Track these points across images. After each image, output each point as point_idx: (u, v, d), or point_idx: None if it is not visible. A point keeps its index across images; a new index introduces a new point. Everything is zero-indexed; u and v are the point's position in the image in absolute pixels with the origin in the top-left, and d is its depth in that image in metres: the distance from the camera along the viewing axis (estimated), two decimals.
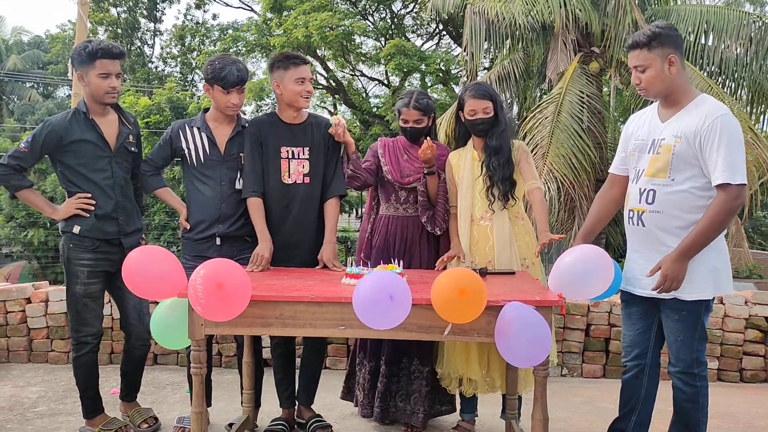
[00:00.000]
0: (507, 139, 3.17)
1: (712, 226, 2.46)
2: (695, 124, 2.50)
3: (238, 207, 3.18)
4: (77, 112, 3.12)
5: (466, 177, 3.20)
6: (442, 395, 3.32)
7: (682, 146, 2.52)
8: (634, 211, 2.66)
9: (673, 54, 2.54)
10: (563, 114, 8.22)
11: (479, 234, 3.15)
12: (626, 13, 8.51)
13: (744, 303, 4.53)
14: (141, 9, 25.35)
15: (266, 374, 3.42)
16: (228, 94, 3.11)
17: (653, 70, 2.55)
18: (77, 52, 3.08)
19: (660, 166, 2.58)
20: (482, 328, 2.35)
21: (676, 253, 2.49)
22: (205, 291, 2.25)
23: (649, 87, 2.59)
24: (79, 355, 3.17)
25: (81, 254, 3.10)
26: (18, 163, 3.06)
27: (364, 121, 17.78)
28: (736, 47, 8.75)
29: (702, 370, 2.61)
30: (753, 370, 4.50)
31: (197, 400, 2.58)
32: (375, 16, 18.96)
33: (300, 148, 3.18)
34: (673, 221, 2.55)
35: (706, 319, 2.63)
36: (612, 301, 4.55)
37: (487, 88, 3.21)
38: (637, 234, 2.68)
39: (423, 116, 3.25)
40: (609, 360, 4.53)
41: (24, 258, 21.50)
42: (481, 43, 9.25)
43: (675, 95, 2.60)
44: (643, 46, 2.55)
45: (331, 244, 3.17)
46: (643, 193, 2.62)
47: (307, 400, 3.36)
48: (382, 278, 2.24)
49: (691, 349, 2.58)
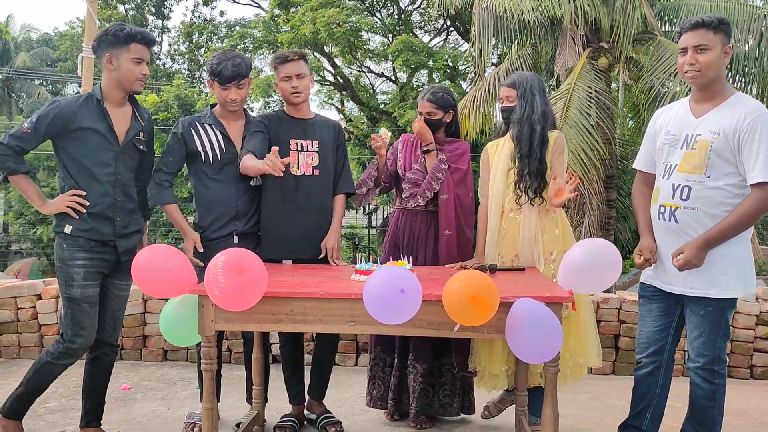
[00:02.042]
0: (525, 128, 3.04)
1: (741, 221, 2.46)
2: (735, 121, 2.48)
3: (253, 203, 3.18)
4: (90, 98, 2.85)
5: (500, 168, 3.16)
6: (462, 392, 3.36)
7: (720, 143, 2.49)
8: (666, 206, 2.62)
9: (729, 46, 2.53)
10: (572, 110, 8.19)
11: (508, 226, 3.13)
12: (635, 8, 8.46)
13: (755, 300, 4.50)
14: (149, 6, 25.45)
15: (274, 370, 3.44)
16: (226, 90, 3.09)
17: (713, 54, 2.51)
18: (111, 33, 2.81)
19: (696, 162, 2.54)
20: (492, 325, 2.34)
21: (701, 241, 2.49)
22: (225, 275, 2.23)
23: (705, 70, 2.52)
24: (54, 363, 2.86)
25: (76, 253, 2.81)
26: (19, 144, 2.78)
27: (371, 117, 17.77)
28: (746, 41, 8.68)
29: (722, 367, 2.59)
30: (764, 367, 4.47)
31: (208, 396, 2.59)
32: (382, 12, 18.95)
33: (309, 141, 3.20)
34: (706, 218, 2.53)
35: (730, 316, 2.61)
36: (621, 298, 4.54)
37: (517, 77, 3.17)
38: (669, 230, 2.64)
39: (436, 109, 3.26)
40: (618, 356, 4.51)
41: (34, 255, 21.67)
42: (489, 39, 9.22)
43: (716, 87, 2.57)
44: (712, 27, 2.51)
45: (335, 233, 3.21)
46: (677, 189, 2.59)
47: (319, 395, 3.36)
48: (392, 273, 2.25)
49: (714, 345, 2.56)
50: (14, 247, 24.68)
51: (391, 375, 3.32)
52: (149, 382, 4.15)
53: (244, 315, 2.42)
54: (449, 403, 3.31)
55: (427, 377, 3.25)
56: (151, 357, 4.64)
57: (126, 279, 2.95)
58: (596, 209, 8.60)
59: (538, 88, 3.12)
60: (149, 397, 3.85)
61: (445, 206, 3.23)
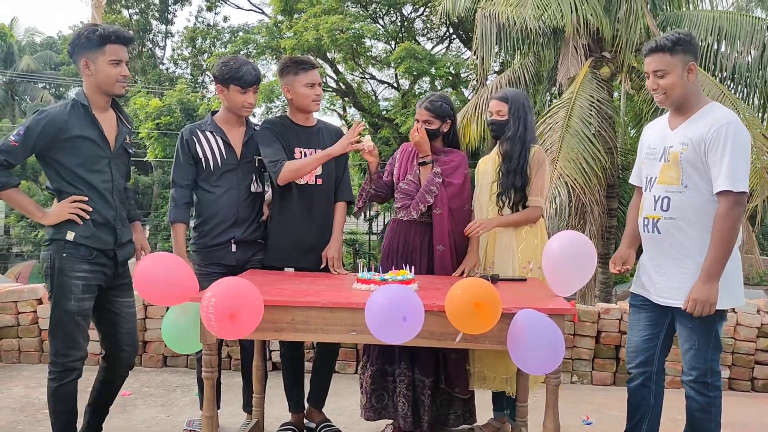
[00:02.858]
0: (517, 146, 3.13)
1: (723, 239, 2.47)
2: (702, 131, 2.51)
3: (252, 210, 3.19)
4: (76, 105, 2.70)
5: (484, 180, 3.23)
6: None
7: (689, 153, 2.53)
8: (648, 218, 2.67)
9: (692, 62, 2.54)
10: (574, 119, 8.19)
11: (488, 236, 3.21)
12: (638, 18, 8.47)
13: (756, 312, 4.49)
14: (153, 11, 25.53)
15: (275, 378, 3.43)
16: (245, 94, 3.10)
17: (674, 76, 2.54)
18: (84, 36, 2.66)
19: (672, 173, 2.59)
20: (494, 336, 2.34)
21: (704, 276, 2.49)
22: (218, 319, 2.22)
23: (669, 92, 2.56)
24: (63, 383, 2.70)
25: (77, 264, 2.66)
26: (6, 159, 2.59)
27: (373, 123, 17.79)
28: (749, 53, 8.70)
29: (716, 380, 2.59)
30: (765, 380, 4.46)
31: (208, 404, 2.59)
32: (385, 19, 18.98)
33: (312, 149, 3.20)
34: (688, 228, 2.56)
35: (721, 328, 2.61)
36: (623, 308, 4.53)
37: (508, 91, 3.25)
38: (653, 241, 2.68)
39: (434, 118, 3.22)
40: (619, 367, 4.50)
41: (34, 257, 21.67)
42: (491, 47, 9.22)
43: (688, 103, 2.60)
44: (666, 50, 2.53)
45: (336, 242, 3.22)
46: (657, 200, 2.63)
47: (318, 403, 3.35)
48: (394, 298, 2.21)
49: (705, 358, 2.56)
50: (15, 250, 24.71)
51: (395, 387, 3.19)
52: (149, 389, 4.14)
53: None
54: (450, 413, 3.26)
55: (432, 390, 3.19)
56: (151, 363, 4.63)
57: (130, 296, 2.91)
58: (597, 218, 8.58)
59: (529, 106, 3.23)
60: (149, 404, 3.84)
61: (438, 221, 3.17)
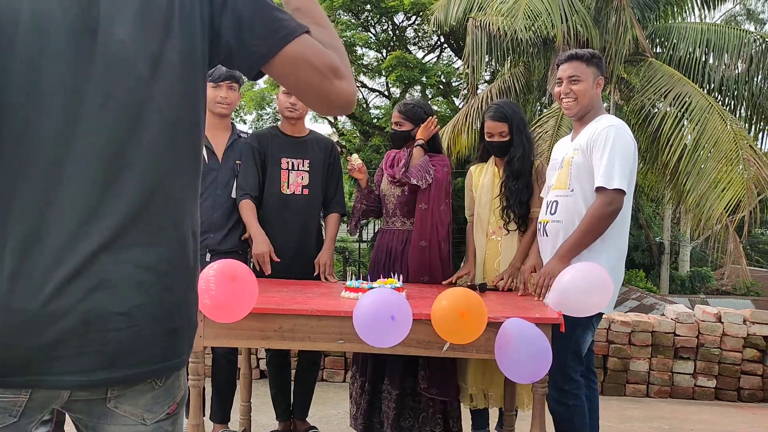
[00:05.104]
0: (527, 164, 3.12)
1: (587, 229, 2.57)
2: (589, 135, 2.66)
3: (229, 217, 3.15)
4: None
5: (484, 194, 3.21)
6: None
7: (579, 157, 2.68)
8: (541, 223, 2.82)
9: (601, 77, 2.74)
10: (563, 128, 8.24)
11: (490, 249, 3.19)
12: (627, 30, 8.54)
13: (742, 322, 4.52)
14: None
15: (261, 386, 3.41)
16: (217, 88, 3.10)
17: (585, 84, 2.71)
18: None
19: (563, 178, 2.73)
20: (481, 345, 2.33)
21: (556, 256, 2.60)
22: (218, 283, 2.20)
23: (580, 98, 2.71)
24: None
25: None
26: None
27: (364, 131, 17.82)
28: (736, 66, 8.79)
29: (574, 388, 2.59)
30: (751, 390, 4.49)
31: (194, 413, 2.56)
32: (377, 28, 19.02)
33: (300, 159, 3.20)
34: (571, 229, 2.65)
35: (584, 337, 2.63)
36: (610, 318, 4.54)
37: (505, 110, 3.12)
38: (543, 244, 2.81)
39: (404, 120, 3.21)
40: (607, 377, 4.51)
41: None
42: (482, 57, 9.27)
43: (589, 115, 2.76)
44: (584, 60, 2.72)
45: (328, 250, 3.23)
46: (549, 205, 2.77)
47: (302, 414, 3.33)
48: (382, 298, 2.21)
49: (563, 363, 2.55)
50: None
51: (362, 397, 3.10)
52: None
53: (232, 331, 2.40)
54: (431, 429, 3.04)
55: (400, 402, 3.01)
56: None
57: None
58: None
59: (525, 117, 3.24)
60: None
61: (423, 216, 3.12)
